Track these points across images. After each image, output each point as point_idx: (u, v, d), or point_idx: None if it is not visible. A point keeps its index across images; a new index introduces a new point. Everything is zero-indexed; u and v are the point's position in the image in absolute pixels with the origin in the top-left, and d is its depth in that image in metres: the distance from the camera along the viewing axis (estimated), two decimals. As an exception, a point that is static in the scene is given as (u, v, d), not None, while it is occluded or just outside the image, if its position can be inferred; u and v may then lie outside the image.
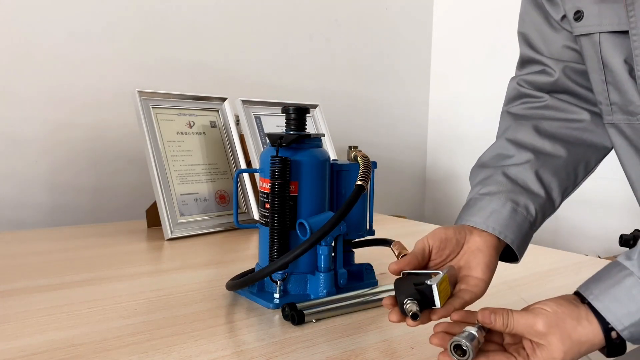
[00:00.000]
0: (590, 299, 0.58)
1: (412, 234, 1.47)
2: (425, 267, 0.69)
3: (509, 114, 0.87)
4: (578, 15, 0.75)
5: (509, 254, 0.75)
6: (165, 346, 0.70)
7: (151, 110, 1.38)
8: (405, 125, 2.45)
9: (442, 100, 2.50)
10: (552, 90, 0.84)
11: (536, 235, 0.79)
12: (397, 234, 1.44)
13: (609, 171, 0.85)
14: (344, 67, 2.20)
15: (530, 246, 0.77)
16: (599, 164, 0.86)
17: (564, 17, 0.79)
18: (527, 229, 0.75)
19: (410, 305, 0.61)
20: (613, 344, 0.58)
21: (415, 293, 0.62)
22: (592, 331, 0.58)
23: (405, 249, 0.88)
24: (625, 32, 0.70)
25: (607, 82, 0.75)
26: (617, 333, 0.57)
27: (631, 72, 0.72)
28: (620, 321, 0.56)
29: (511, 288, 0.99)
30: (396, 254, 0.87)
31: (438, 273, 0.64)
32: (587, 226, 1.97)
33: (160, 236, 1.31)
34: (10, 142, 1.50)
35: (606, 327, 0.57)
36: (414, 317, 0.61)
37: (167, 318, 0.80)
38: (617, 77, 0.73)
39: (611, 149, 0.84)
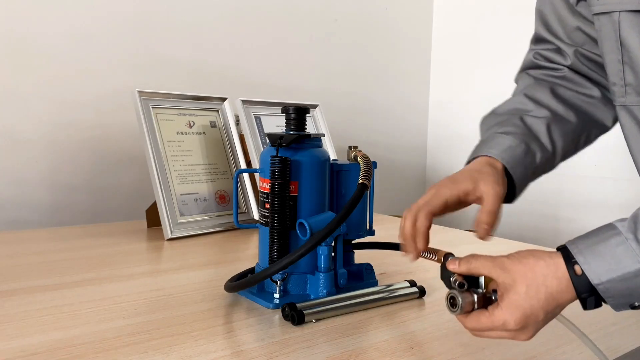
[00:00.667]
0: (574, 252, 0.58)
1: (412, 234, 1.47)
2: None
3: (528, 75, 0.90)
4: None
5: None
6: (165, 346, 0.70)
7: (151, 110, 1.38)
8: (405, 125, 2.45)
9: (442, 101, 2.50)
10: (568, 68, 0.88)
11: (536, 235, 0.80)
12: (397, 234, 1.44)
13: (609, 171, 0.85)
14: (344, 67, 2.20)
15: (531, 246, 0.77)
16: (596, 140, 0.89)
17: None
18: (530, 174, 0.79)
19: (457, 277, 0.64)
20: (577, 280, 0.58)
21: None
22: (561, 283, 0.58)
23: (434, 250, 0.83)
24: None
25: (623, 62, 0.75)
26: (581, 269, 0.57)
27: None
28: (598, 276, 0.57)
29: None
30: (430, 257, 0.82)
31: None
32: (587, 226, 1.96)
33: (160, 236, 1.31)
34: (10, 142, 1.50)
35: (569, 258, 0.58)
36: (461, 286, 0.63)
37: (167, 318, 0.80)
38: (634, 58, 0.73)
39: (610, 129, 0.88)
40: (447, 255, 0.68)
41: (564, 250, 0.60)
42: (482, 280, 0.64)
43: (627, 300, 0.57)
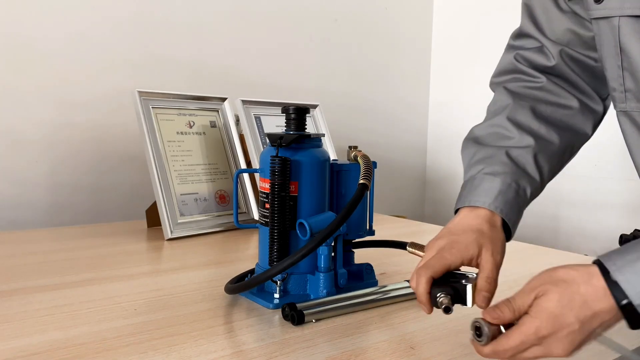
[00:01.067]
0: (612, 270, 0.55)
1: (412, 234, 1.47)
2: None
3: (506, 90, 0.87)
4: None
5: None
6: (165, 346, 0.70)
7: (151, 110, 1.38)
8: (405, 125, 2.45)
9: (442, 101, 2.50)
10: (548, 72, 0.85)
11: (536, 235, 0.80)
12: (397, 234, 1.44)
13: (609, 171, 0.85)
14: (344, 67, 2.20)
15: (531, 246, 0.77)
16: (579, 151, 0.88)
17: None
18: (522, 210, 0.78)
19: (443, 299, 0.65)
20: (629, 312, 0.54)
21: (449, 289, 0.66)
22: (597, 291, 0.55)
23: (420, 245, 0.86)
24: None
25: (623, 68, 0.74)
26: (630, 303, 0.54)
27: None
28: (639, 295, 0.54)
29: (511, 288, 0.99)
30: (418, 253, 0.85)
31: (473, 275, 0.68)
32: (587, 226, 1.97)
33: (160, 236, 1.31)
34: (10, 142, 1.50)
35: (604, 269, 0.55)
36: (446, 310, 0.64)
37: (167, 318, 0.80)
38: (634, 64, 0.72)
39: (591, 137, 0.87)
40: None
41: (598, 264, 0.57)
42: (469, 294, 0.64)
43: None
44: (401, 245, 0.94)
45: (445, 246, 0.71)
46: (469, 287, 0.65)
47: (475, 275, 0.68)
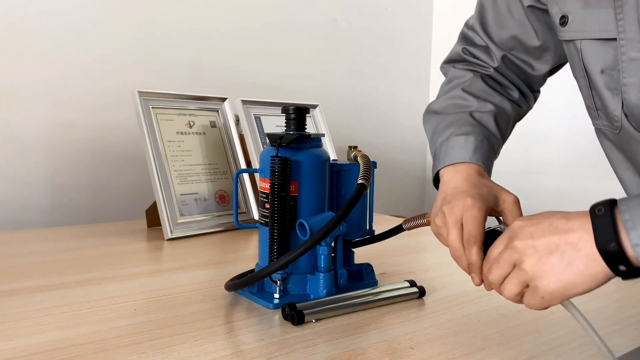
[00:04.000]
0: (622, 209, 0.53)
1: (412, 234, 1.47)
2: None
3: (455, 69, 0.93)
4: (563, 20, 0.75)
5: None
6: (165, 346, 0.70)
7: (151, 110, 1.38)
8: (405, 125, 2.45)
9: (442, 100, 2.50)
10: (494, 69, 0.91)
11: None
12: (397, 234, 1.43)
13: (609, 171, 0.86)
14: (344, 67, 2.20)
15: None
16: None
17: (530, 6, 0.83)
18: (492, 167, 0.82)
19: None
20: (599, 219, 0.54)
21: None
22: (579, 224, 0.55)
23: (414, 217, 0.88)
24: (608, 40, 0.70)
25: (590, 88, 0.76)
26: (620, 247, 0.52)
27: (608, 82, 0.72)
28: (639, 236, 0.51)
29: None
30: (419, 224, 0.87)
31: (501, 226, 0.71)
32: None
33: (160, 236, 1.31)
34: (10, 143, 1.50)
35: (593, 207, 0.55)
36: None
37: (167, 318, 0.80)
38: (596, 85, 0.74)
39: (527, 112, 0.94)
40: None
41: (602, 202, 0.55)
42: None
43: None
44: (398, 230, 0.93)
45: (468, 207, 0.69)
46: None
47: (502, 225, 0.70)
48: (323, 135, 0.95)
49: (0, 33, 1.47)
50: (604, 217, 0.54)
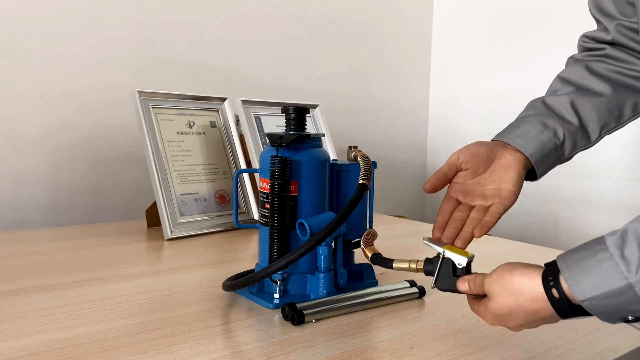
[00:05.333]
0: (561, 267, 0.57)
1: (412, 234, 1.47)
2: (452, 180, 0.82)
3: (570, 59, 0.92)
4: None
5: (534, 173, 0.81)
6: (164, 346, 0.70)
7: (151, 110, 1.38)
8: (405, 125, 2.45)
9: (442, 100, 2.50)
10: (611, 43, 0.88)
11: (536, 235, 0.80)
12: (397, 234, 1.44)
13: (609, 171, 0.85)
14: (344, 67, 2.20)
15: (531, 246, 0.77)
16: None
17: None
18: (551, 149, 0.80)
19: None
20: (556, 302, 0.57)
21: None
22: (529, 282, 0.59)
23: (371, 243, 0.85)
24: None
25: None
26: (558, 291, 0.57)
27: None
28: (582, 293, 0.55)
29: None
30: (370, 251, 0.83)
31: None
32: (587, 226, 1.97)
33: (160, 236, 1.31)
34: (10, 143, 1.50)
35: (547, 282, 0.58)
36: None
37: (167, 318, 0.80)
38: None
39: None
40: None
41: (550, 267, 0.59)
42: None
43: (618, 316, 0.56)
44: (387, 262, 0.91)
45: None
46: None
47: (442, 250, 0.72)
48: (323, 135, 0.95)
49: (0, 33, 1.47)
50: (560, 300, 0.58)
